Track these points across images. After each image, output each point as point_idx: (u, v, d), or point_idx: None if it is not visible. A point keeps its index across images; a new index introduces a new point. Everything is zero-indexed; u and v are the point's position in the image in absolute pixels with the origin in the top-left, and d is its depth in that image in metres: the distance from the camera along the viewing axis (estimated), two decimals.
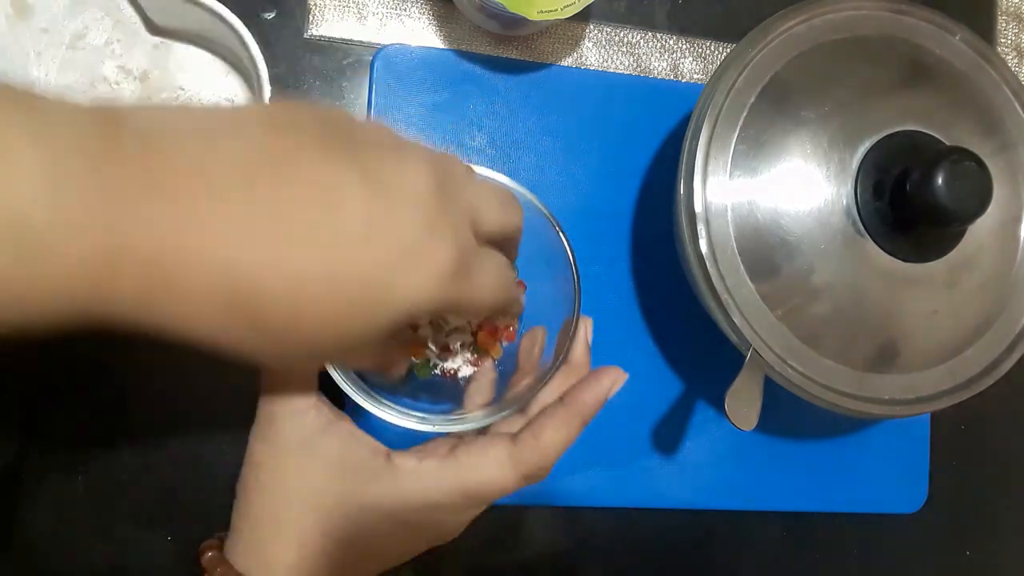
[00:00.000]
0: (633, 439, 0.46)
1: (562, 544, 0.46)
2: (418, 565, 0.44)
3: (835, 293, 0.38)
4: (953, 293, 0.39)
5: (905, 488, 0.50)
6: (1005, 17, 0.54)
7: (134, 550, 0.41)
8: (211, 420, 0.42)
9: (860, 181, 0.37)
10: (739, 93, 0.38)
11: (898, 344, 0.39)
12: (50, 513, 0.40)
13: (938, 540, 0.52)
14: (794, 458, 0.49)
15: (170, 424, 0.42)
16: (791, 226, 0.37)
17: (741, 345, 0.37)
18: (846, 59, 0.39)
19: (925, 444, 0.51)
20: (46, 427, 0.40)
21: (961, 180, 0.34)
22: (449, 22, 0.45)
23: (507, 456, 0.29)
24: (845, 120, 0.38)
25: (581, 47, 0.47)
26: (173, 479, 0.41)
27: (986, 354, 0.39)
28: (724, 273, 0.37)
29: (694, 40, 0.49)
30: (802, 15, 0.39)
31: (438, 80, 0.45)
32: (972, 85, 0.40)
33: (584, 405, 0.30)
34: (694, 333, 0.46)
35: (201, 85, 0.42)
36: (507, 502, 0.45)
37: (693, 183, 0.37)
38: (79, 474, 0.41)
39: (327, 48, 0.44)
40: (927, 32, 0.40)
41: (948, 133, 0.39)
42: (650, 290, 0.47)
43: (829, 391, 0.38)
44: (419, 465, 0.29)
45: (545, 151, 0.46)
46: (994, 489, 0.53)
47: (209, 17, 0.37)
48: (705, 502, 0.47)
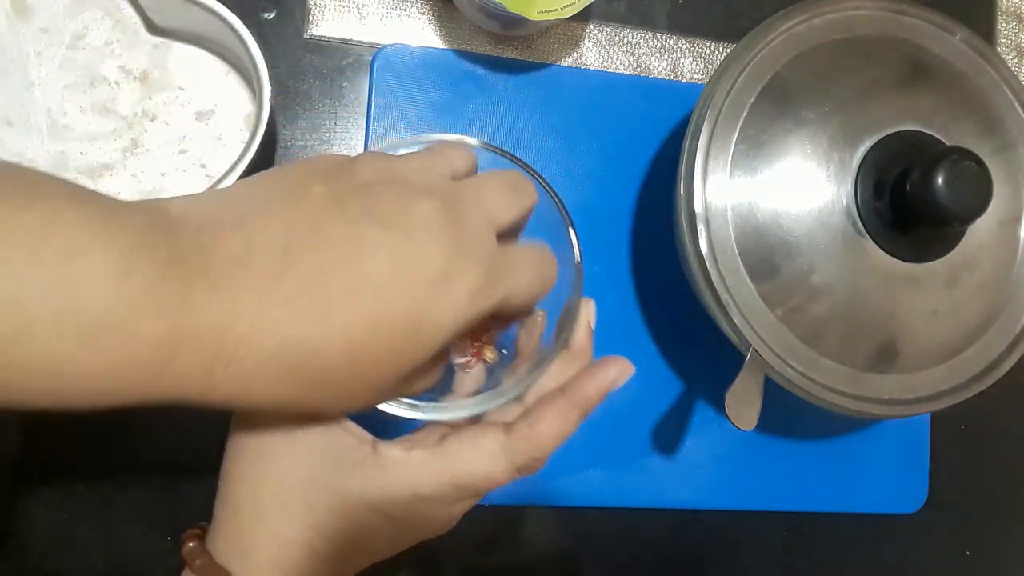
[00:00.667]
0: (633, 439, 0.46)
1: (562, 544, 0.46)
2: (418, 565, 0.44)
3: (835, 293, 0.38)
4: (953, 293, 0.39)
5: (905, 488, 0.50)
6: (1005, 17, 0.54)
7: (134, 550, 0.41)
8: (211, 420, 0.42)
9: (860, 181, 0.37)
10: (739, 93, 0.38)
11: (898, 344, 0.39)
12: (50, 513, 0.40)
13: (938, 540, 0.52)
14: (794, 458, 0.49)
15: (170, 424, 0.42)
16: (791, 226, 0.37)
17: (741, 345, 0.37)
18: (846, 59, 0.39)
19: (925, 444, 0.51)
20: (46, 427, 0.40)
21: (961, 180, 0.34)
22: (449, 22, 0.45)
23: (500, 447, 0.27)
24: (845, 120, 0.38)
25: (581, 47, 0.47)
26: (173, 479, 0.41)
27: (986, 354, 0.39)
28: (724, 273, 0.37)
29: (694, 40, 0.49)
30: (802, 15, 0.39)
31: (438, 80, 0.45)
32: (972, 85, 0.40)
33: (585, 396, 0.28)
34: (694, 333, 0.46)
35: (201, 85, 0.42)
36: (507, 502, 0.45)
37: (693, 183, 0.37)
38: (79, 474, 0.41)
39: (327, 48, 0.44)
40: (927, 32, 0.40)
41: (948, 133, 0.39)
42: (650, 290, 0.47)
43: (829, 391, 0.38)
44: (406, 456, 0.27)
45: (545, 151, 0.46)
46: (994, 489, 0.53)
47: (209, 17, 0.37)
48: (705, 502, 0.47)
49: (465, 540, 0.45)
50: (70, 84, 0.40)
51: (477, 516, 0.45)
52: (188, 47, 0.42)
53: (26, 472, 0.40)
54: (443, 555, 0.45)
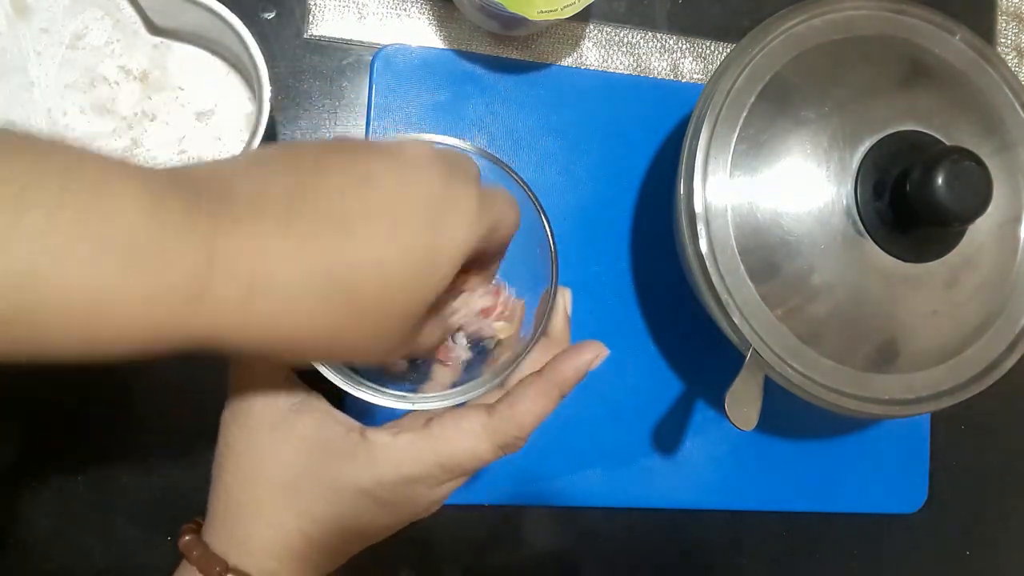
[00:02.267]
0: (633, 439, 0.46)
1: (562, 544, 0.46)
2: (418, 565, 0.44)
3: (835, 293, 0.38)
4: (953, 293, 0.39)
5: (905, 488, 0.50)
6: (1005, 17, 0.54)
7: (134, 550, 0.41)
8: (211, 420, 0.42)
9: (860, 181, 0.37)
10: (739, 93, 0.38)
11: (898, 344, 0.39)
12: (50, 513, 0.40)
13: (938, 540, 0.52)
14: (794, 458, 0.49)
15: (170, 424, 0.42)
16: (791, 226, 0.37)
17: (741, 345, 0.37)
18: (846, 59, 0.39)
19: (925, 444, 0.51)
20: (46, 427, 0.40)
21: (961, 180, 0.34)
22: (449, 22, 0.45)
23: (482, 427, 0.28)
24: (845, 120, 0.38)
25: (581, 47, 0.47)
26: (173, 479, 0.41)
27: (986, 354, 0.39)
28: (724, 273, 0.37)
29: (694, 40, 0.49)
30: (802, 15, 0.39)
31: (438, 80, 0.45)
32: (972, 85, 0.40)
33: (562, 376, 0.29)
34: (694, 333, 0.46)
35: (201, 85, 0.42)
36: (507, 502, 0.45)
37: (693, 183, 0.37)
38: (79, 474, 0.41)
39: (327, 48, 0.44)
40: (927, 32, 0.40)
41: (948, 133, 0.39)
42: (650, 290, 0.47)
43: (829, 391, 0.38)
44: (393, 440, 0.28)
45: (545, 151, 0.46)
46: (994, 489, 0.53)
47: (209, 17, 0.37)
48: (705, 502, 0.47)
49: (465, 540, 0.45)
50: (70, 84, 0.40)
51: (477, 516, 0.45)
52: (188, 47, 0.42)
53: (26, 472, 0.40)
54: (443, 555, 0.45)
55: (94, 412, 0.41)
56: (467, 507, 0.45)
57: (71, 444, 0.41)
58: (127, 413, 0.41)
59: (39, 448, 0.40)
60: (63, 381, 0.40)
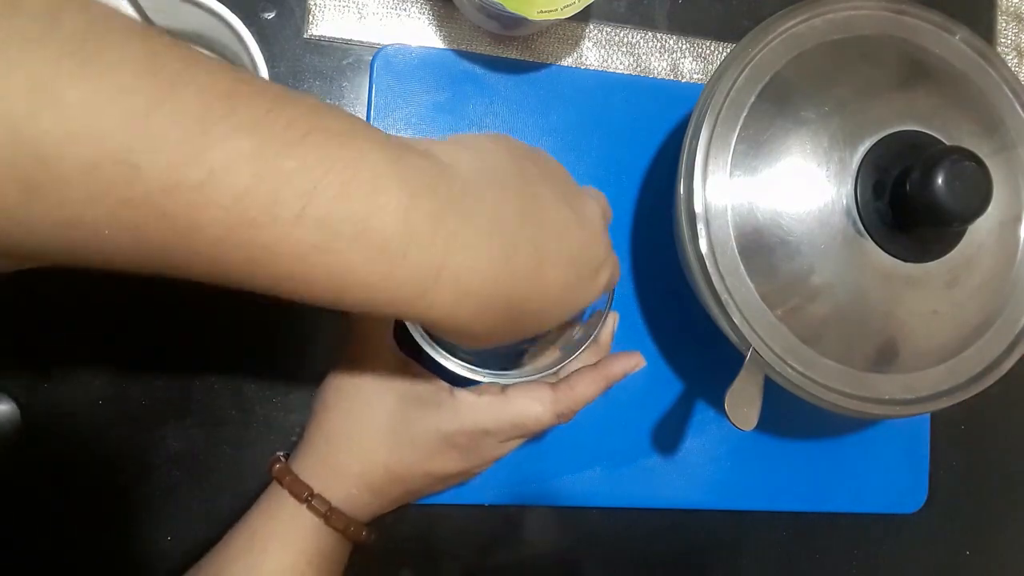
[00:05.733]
0: (633, 439, 0.46)
1: (562, 544, 0.46)
2: (418, 565, 0.44)
3: (835, 293, 0.38)
4: (953, 293, 0.39)
5: (905, 488, 0.50)
6: (1005, 17, 0.54)
7: (134, 550, 0.41)
8: (211, 420, 0.42)
9: (860, 181, 0.37)
10: (739, 93, 0.38)
11: (898, 344, 0.39)
12: (50, 513, 0.40)
13: (938, 540, 0.52)
14: (794, 458, 0.49)
15: (170, 424, 0.42)
16: (791, 226, 0.37)
17: (741, 345, 0.37)
18: (846, 59, 0.39)
19: (925, 444, 0.51)
20: (46, 425, 0.40)
21: (961, 180, 0.34)
22: (449, 22, 0.45)
23: (549, 398, 0.36)
24: (845, 120, 0.38)
25: (581, 47, 0.47)
26: (173, 479, 0.41)
27: (986, 354, 0.39)
28: (724, 273, 0.37)
29: (694, 40, 0.49)
30: (802, 15, 0.39)
31: (438, 80, 0.45)
32: (972, 85, 0.40)
33: (612, 372, 0.38)
34: (694, 333, 0.46)
35: None
36: (507, 502, 0.45)
37: (693, 183, 0.37)
38: (79, 473, 0.41)
39: (327, 48, 0.44)
40: (927, 32, 0.40)
41: (948, 133, 0.39)
42: (650, 290, 0.47)
43: (829, 391, 0.38)
44: (477, 399, 0.36)
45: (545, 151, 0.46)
46: (994, 489, 0.53)
47: (209, 17, 0.37)
48: (705, 502, 0.47)
49: (465, 540, 0.45)
50: None
51: (477, 516, 0.45)
52: None
53: (26, 471, 0.40)
54: (443, 555, 0.45)
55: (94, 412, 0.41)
56: (467, 507, 0.45)
57: (71, 442, 0.41)
58: (128, 414, 0.41)
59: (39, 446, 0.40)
60: (64, 380, 0.40)
